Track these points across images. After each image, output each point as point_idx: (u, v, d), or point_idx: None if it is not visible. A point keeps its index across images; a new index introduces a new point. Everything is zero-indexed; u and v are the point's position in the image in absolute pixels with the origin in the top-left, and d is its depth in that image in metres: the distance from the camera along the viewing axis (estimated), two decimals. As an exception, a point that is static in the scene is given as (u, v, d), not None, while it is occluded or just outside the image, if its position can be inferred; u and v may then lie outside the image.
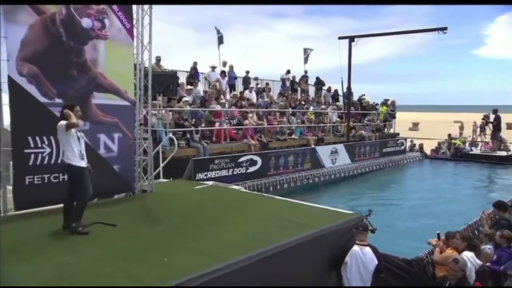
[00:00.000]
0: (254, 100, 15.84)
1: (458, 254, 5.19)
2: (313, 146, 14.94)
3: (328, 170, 14.58)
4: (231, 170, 11.38)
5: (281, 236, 4.83)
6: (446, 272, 5.19)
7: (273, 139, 14.39)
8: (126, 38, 7.01)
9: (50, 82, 6.03)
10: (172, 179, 9.01)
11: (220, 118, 12.82)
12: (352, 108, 19.14)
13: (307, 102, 18.74)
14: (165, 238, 4.99)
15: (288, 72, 20.04)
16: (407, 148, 20.95)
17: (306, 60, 21.33)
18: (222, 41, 17.57)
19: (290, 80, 19.95)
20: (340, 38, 18.11)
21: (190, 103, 12.74)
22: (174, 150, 9.16)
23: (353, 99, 20.39)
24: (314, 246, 5.00)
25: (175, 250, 4.57)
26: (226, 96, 15.76)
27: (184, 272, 3.76)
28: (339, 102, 20.99)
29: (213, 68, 16.16)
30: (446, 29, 15.50)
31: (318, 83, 21.30)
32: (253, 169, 11.98)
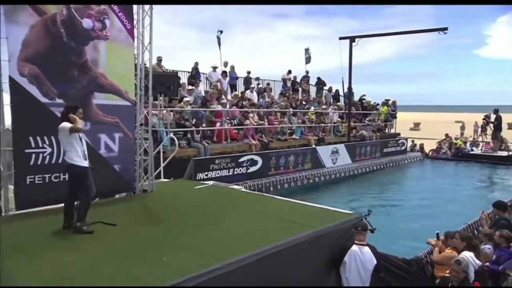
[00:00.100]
0: (255, 100, 15.87)
1: (457, 254, 5.20)
2: (313, 146, 14.93)
3: (328, 170, 14.60)
4: (232, 170, 11.41)
5: (280, 236, 4.82)
6: (445, 272, 5.21)
7: (274, 139, 14.39)
8: (126, 38, 7.04)
9: (51, 83, 6.06)
10: (172, 179, 9.02)
11: (221, 118, 12.84)
12: (353, 108, 19.16)
13: (308, 102, 18.73)
14: (165, 237, 5.00)
15: (289, 72, 20.04)
16: (408, 148, 20.96)
17: (308, 60, 21.31)
18: (219, 43, 17.59)
19: (291, 80, 19.96)
20: (341, 38, 18.14)
21: (191, 103, 12.76)
22: (175, 150, 9.18)
23: (354, 99, 20.41)
24: (313, 246, 5.00)
25: (175, 249, 4.58)
26: (227, 96, 15.78)
27: (183, 271, 3.76)
28: (340, 102, 20.98)
29: (214, 68, 16.16)
30: (446, 29, 15.52)
31: (319, 83, 21.29)
32: (253, 169, 12.01)
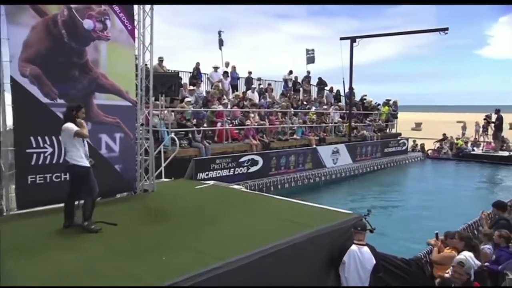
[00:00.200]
0: (256, 100, 15.89)
1: (456, 254, 5.20)
2: (314, 146, 14.94)
3: (329, 170, 14.60)
4: (233, 170, 11.42)
5: (280, 235, 4.83)
6: (444, 271, 5.21)
7: (274, 139, 14.41)
8: (127, 39, 7.07)
9: (52, 83, 6.10)
10: (173, 179, 9.05)
11: (222, 118, 12.87)
12: (354, 108, 19.17)
13: (309, 103, 18.75)
14: (166, 237, 5.02)
15: (290, 72, 20.05)
16: (409, 148, 20.95)
17: (310, 60, 21.30)
18: (222, 44, 17.59)
19: (292, 80, 19.98)
20: (341, 38, 18.14)
21: (192, 104, 12.78)
22: (176, 150, 9.20)
23: (355, 100, 20.41)
24: (312, 246, 5.01)
25: (176, 249, 4.59)
26: (228, 96, 15.80)
27: (184, 271, 3.77)
28: (341, 103, 20.99)
29: (215, 68, 16.19)
30: (447, 29, 15.53)
31: (320, 84, 21.31)
32: (254, 169, 12.02)
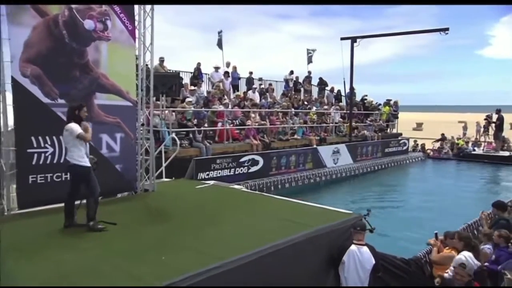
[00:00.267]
0: (257, 100, 15.91)
1: (455, 254, 5.21)
2: (315, 146, 14.95)
3: (330, 170, 14.62)
4: (233, 169, 11.44)
5: (281, 235, 4.84)
6: (444, 271, 5.22)
7: (275, 139, 14.42)
8: (128, 39, 7.10)
9: (53, 83, 6.12)
10: (174, 179, 9.07)
11: (222, 118, 12.89)
12: (354, 108, 19.16)
13: (310, 103, 18.76)
14: (166, 237, 5.03)
15: (291, 72, 20.07)
16: (410, 148, 20.94)
17: (309, 60, 21.32)
18: (221, 44, 17.59)
19: (293, 80, 19.98)
20: (342, 39, 18.14)
21: (193, 104, 12.81)
22: (177, 150, 9.22)
23: (355, 100, 20.41)
24: (311, 246, 5.01)
25: (176, 249, 4.60)
26: (229, 96, 15.82)
27: (183, 271, 3.77)
28: (342, 103, 20.99)
29: (216, 68, 16.22)
30: (448, 29, 15.53)
31: (321, 84, 21.32)
32: (254, 169, 12.04)
